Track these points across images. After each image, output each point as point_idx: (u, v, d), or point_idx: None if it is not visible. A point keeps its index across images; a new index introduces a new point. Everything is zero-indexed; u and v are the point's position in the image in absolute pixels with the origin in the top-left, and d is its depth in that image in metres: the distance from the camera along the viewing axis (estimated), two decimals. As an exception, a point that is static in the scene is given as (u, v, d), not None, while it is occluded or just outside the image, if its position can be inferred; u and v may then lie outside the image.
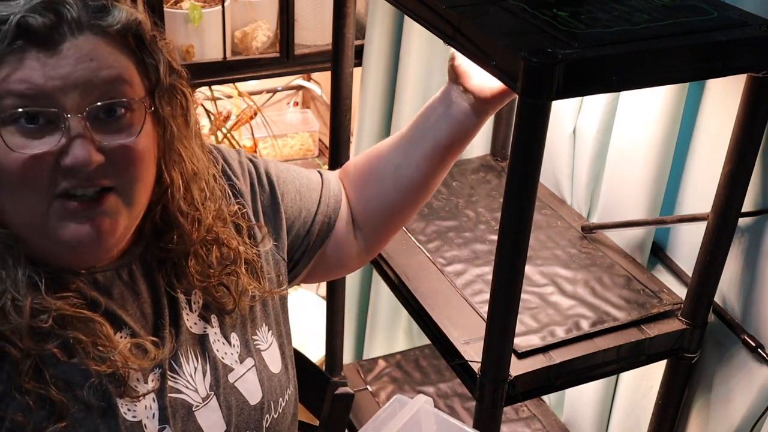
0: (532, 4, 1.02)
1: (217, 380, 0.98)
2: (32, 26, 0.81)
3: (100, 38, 0.85)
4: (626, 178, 1.34)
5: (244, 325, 1.03)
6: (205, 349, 0.99)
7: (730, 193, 1.09)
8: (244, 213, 1.07)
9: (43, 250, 0.89)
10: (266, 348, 1.05)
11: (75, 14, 0.83)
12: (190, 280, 0.98)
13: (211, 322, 1.00)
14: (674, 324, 1.22)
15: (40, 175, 0.83)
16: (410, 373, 1.75)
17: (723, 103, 1.19)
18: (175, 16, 1.91)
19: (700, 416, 1.33)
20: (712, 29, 0.97)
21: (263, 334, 1.06)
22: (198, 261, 0.99)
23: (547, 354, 1.15)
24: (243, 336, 1.03)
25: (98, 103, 0.84)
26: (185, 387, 0.96)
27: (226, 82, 2.13)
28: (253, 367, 1.02)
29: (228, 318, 1.01)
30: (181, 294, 0.98)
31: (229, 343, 1.01)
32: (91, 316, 0.89)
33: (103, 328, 0.89)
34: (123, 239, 0.93)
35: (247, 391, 1.01)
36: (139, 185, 0.90)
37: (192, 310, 0.99)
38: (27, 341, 0.85)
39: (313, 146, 2.72)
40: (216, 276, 1.00)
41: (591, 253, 1.37)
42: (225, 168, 1.09)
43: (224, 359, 1.00)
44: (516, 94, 0.89)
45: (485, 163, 1.64)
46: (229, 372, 1.00)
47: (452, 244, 1.37)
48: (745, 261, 1.21)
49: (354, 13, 1.38)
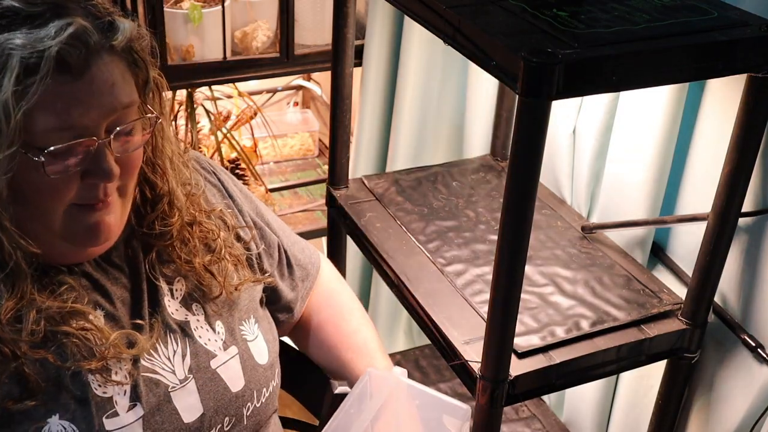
0: (532, 4, 1.02)
1: (198, 365, 1.02)
2: (67, 60, 0.84)
3: (114, 57, 0.89)
4: (626, 178, 1.34)
5: (231, 314, 1.07)
6: (186, 334, 1.02)
7: (730, 193, 1.09)
8: (233, 213, 1.13)
9: (48, 249, 0.92)
10: (252, 339, 1.09)
11: (96, 39, 0.86)
12: (176, 266, 1.03)
13: (193, 310, 1.04)
14: (674, 324, 1.22)
15: (67, 190, 0.89)
16: (410, 373, 1.75)
17: (723, 103, 1.19)
18: (175, 16, 1.91)
19: (700, 416, 1.33)
20: (712, 29, 0.97)
21: (250, 326, 1.10)
22: (183, 246, 1.03)
23: (547, 354, 1.15)
24: (229, 324, 1.07)
25: (121, 126, 0.90)
26: (161, 368, 0.99)
27: (226, 82, 2.13)
28: (236, 355, 1.05)
29: (212, 305, 1.06)
30: (163, 282, 1.03)
31: (214, 330, 1.05)
32: (83, 309, 0.92)
33: (95, 320, 0.93)
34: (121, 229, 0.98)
35: (228, 378, 1.04)
36: (134, 180, 0.97)
37: (173, 297, 1.03)
38: (25, 348, 0.88)
39: (313, 146, 2.72)
40: (203, 262, 1.04)
41: (591, 253, 1.37)
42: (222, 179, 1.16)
43: (207, 345, 1.03)
44: (516, 93, 0.89)
45: (485, 163, 1.64)
46: (211, 358, 1.03)
47: (452, 244, 1.37)
48: (745, 261, 1.21)
49: (354, 13, 1.38)
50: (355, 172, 1.87)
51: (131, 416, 0.95)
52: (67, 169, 0.87)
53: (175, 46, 1.96)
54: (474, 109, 1.69)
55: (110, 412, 0.93)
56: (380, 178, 1.57)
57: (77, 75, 0.85)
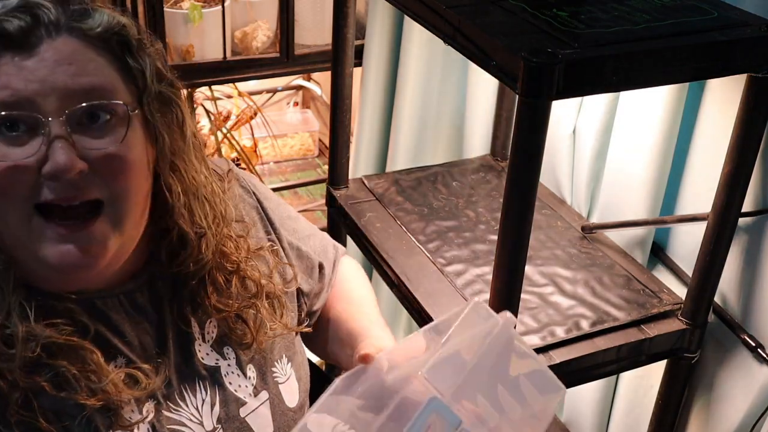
0: (532, 4, 1.02)
1: (228, 414, 0.94)
2: (8, 30, 0.79)
3: (80, 41, 0.83)
4: (626, 178, 1.34)
5: (264, 357, 0.99)
6: (216, 381, 0.94)
7: (730, 193, 1.09)
8: (275, 250, 1.04)
9: (31, 272, 0.86)
10: (284, 381, 1.01)
11: (53, 17, 0.81)
12: (206, 309, 0.95)
13: (225, 354, 0.96)
14: (674, 324, 1.22)
15: (20, 184, 0.80)
16: (410, 373, 1.75)
17: (723, 103, 1.19)
18: (175, 16, 1.91)
19: (700, 416, 1.33)
20: (712, 29, 0.97)
21: (282, 366, 1.01)
22: (216, 290, 0.95)
23: (547, 354, 1.15)
24: (260, 369, 0.98)
25: (78, 105, 0.81)
26: (188, 419, 0.92)
27: (226, 82, 2.13)
28: (267, 401, 0.98)
29: (245, 350, 0.97)
30: (195, 325, 0.95)
31: (245, 375, 0.97)
32: (81, 343, 0.85)
33: (93, 356, 0.85)
34: (117, 262, 0.89)
35: (257, 426, 0.96)
36: (130, 200, 0.85)
37: (205, 340, 0.95)
38: (17, 373, 0.82)
39: (313, 146, 2.73)
40: (234, 308, 0.95)
41: (591, 253, 1.37)
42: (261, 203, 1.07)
43: (237, 392, 0.95)
44: (516, 93, 0.89)
45: (485, 163, 1.64)
46: (241, 405, 0.95)
47: (452, 244, 1.37)
48: (745, 261, 1.21)
49: (354, 13, 1.38)
50: (355, 172, 1.87)
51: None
52: (11, 153, 0.79)
53: (175, 46, 1.96)
54: (474, 109, 1.69)
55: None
56: (380, 178, 1.57)
57: (27, 49, 0.80)
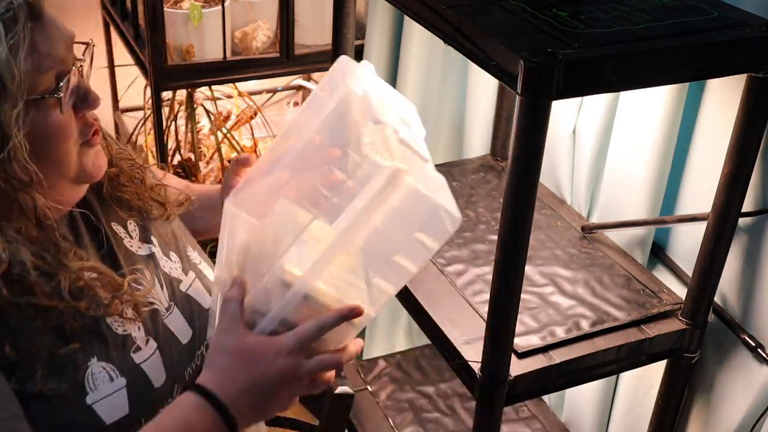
0: (532, 4, 1.02)
1: (173, 291, 1.08)
2: (32, 3, 0.89)
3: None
4: (626, 178, 1.34)
5: (177, 244, 1.15)
6: (156, 265, 1.08)
7: (730, 193, 1.09)
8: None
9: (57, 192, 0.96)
10: (199, 263, 1.17)
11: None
12: (127, 201, 1.09)
13: (153, 242, 1.11)
14: (674, 324, 1.22)
15: (73, 128, 0.95)
16: (410, 373, 1.75)
17: (723, 103, 1.19)
18: (175, 16, 1.92)
19: (700, 416, 1.33)
20: (712, 29, 0.97)
21: (193, 254, 1.17)
22: (127, 180, 1.10)
23: (547, 354, 1.15)
24: (179, 254, 1.14)
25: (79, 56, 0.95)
26: (152, 299, 1.04)
27: (226, 82, 2.13)
28: (196, 278, 1.13)
29: (161, 237, 1.12)
30: (119, 227, 1.08)
31: (170, 259, 1.12)
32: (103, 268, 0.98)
33: (101, 267, 0.98)
34: None
35: (199, 297, 1.11)
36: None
37: (132, 237, 1.09)
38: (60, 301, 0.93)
39: (313, 146, 2.72)
40: (145, 189, 1.12)
41: (591, 253, 1.37)
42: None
43: (171, 273, 1.10)
44: (516, 93, 0.89)
45: (485, 163, 1.64)
46: (179, 283, 1.10)
47: (452, 244, 1.37)
48: (745, 261, 1.21)
49: (354, 13, 1.38)
50: (355, 172, 1.87)
51: (150, 348, 1.00)
52: (68, 104, 0.93)
53: (175, 46, 1.96)
54: (474, 109, 1.69)
55: (134, 348, 0.99)
56: (380, 178, 1.56)
57: (42, 16, 0.90)
